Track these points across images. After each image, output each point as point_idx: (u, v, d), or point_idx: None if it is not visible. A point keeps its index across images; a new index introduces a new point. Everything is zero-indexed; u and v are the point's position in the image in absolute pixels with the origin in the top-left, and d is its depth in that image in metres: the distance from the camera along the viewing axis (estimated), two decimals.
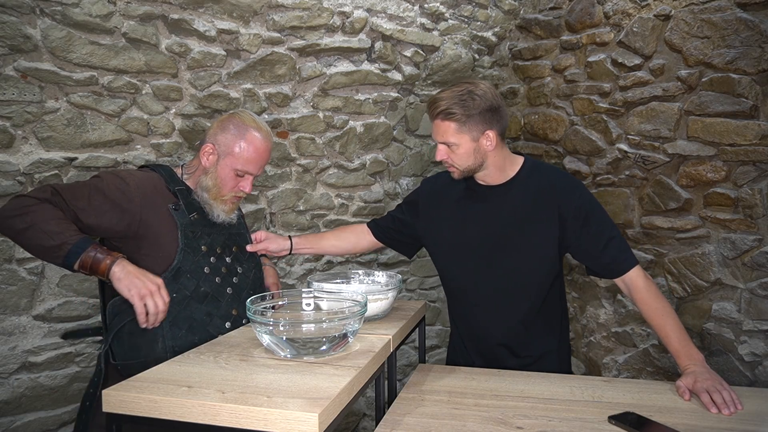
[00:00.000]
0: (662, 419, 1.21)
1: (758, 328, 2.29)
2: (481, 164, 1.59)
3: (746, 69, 2.25)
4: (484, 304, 1.67)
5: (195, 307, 1.47)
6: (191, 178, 1.59)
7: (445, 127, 1.55)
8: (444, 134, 1.55)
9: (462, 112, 1.52)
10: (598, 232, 1.56)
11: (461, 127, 1.53)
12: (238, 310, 1.56)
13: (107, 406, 1.04)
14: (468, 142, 1.55)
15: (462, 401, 1.34)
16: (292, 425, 0.92)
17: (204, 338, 1.43)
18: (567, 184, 1.61)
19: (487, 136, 1.55)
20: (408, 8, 2.81)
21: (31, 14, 1.93)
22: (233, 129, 1.54)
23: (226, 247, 1.60)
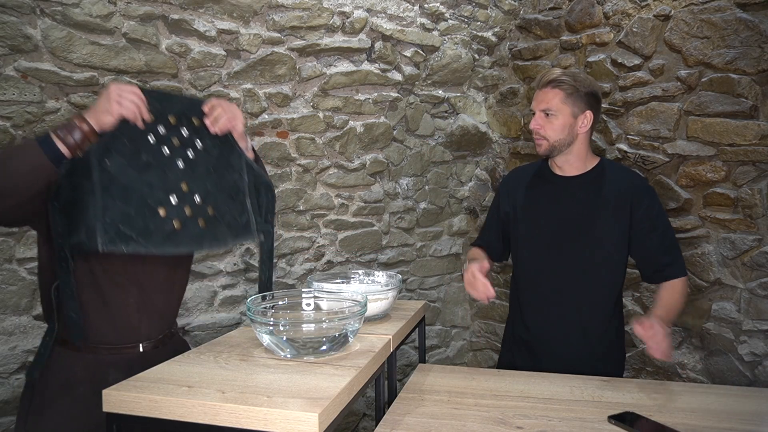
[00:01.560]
0: (662, 419, 1.21)
1: (758, 328, 2.29)
2: (570, 144, 1.66)
3: (746, 69, 2.25)
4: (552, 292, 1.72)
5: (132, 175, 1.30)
6: None
7: (552, 94, 1.63)
8: (549, 101, 1.63)
9: (572, 85, 1.62)
10: (664, 236, 1.65)
11: (567, 98, 1.62)
12: (189, 186, 1.38)
13: (107, 406, 1.04)
14: (567, 116, 1.63)
15: (462, 401, 1.34)
16: (292, 425, 0.93)
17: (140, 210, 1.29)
18: (642, 184, 1.69)
19: (585, 116, 1.64)
20: (408, 8, 2.81)
21: (32, 14, 1.93)
22: None
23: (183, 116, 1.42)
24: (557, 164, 1.74)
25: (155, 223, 1.31)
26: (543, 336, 1.76)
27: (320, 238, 2.76)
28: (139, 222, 1.28)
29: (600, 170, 1.70)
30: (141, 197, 1.30)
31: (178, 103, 1.44)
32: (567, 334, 1.72)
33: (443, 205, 3.15)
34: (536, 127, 1.66)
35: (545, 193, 1.76)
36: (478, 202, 3.22)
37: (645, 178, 1.77)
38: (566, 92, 1.62)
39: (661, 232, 1.66)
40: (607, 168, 1.72)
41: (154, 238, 1.28)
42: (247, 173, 1.54)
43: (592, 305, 1.70)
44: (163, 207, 1.32)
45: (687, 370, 2.50)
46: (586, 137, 1.68)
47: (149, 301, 1.43)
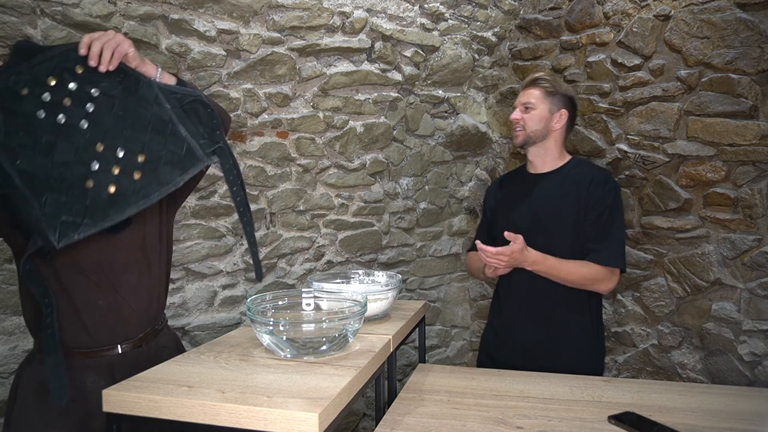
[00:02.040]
0: (662, 419, 1.22)
1: (758, 328, 2.29)
2: (544, 138, 1.86)
3: (746, 69, 2.25)
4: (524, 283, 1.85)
5: (44, 162, 1.19)
6: None
7: (534, 92, 1.86)
8: (530, 96, 1.86)
9: (552, 85, 1.85)
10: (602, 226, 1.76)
11: (546, 95, 1.84)
12: (104, 143, 1.24)
13: (107, 406, 1.04)
14: (544, 111, 1.84)
15: (462, 401, 1.34)
16: (292, 425, 0.93)
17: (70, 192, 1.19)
18: (601, 178, 1.82)
19: (560, 114, 1.85)
20: (408, 8, 2.81)
21: (32, 14, 1.93)
22: None
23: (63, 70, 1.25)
24: (531, 161, 1.93)
25: (91, 198, 1.20)
26: (516, 326, 1.90)
27: (320, 238, 2.76)
28: (76, 204, 1.19)
29: (569, 167, 1.88)
30: (63, 179, 1.19)
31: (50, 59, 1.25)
32: (538, 325, 1.84)
33: (443, 205, 3.15)
34: (516, 118, 1.88)
35: (519, 189, 1.93)
36: (478, 202, 3.22)
37: (607, 174, 1.86)
38: (546, 90, 1.84)
39: (602, 223, 1.77)
40: (577, 165, 1.89)
41: (97, 212, 1.18)
42: (167, 100, 1.35)
43: (561, 296, 1.81)
44: (89, 178, 1.21)
45: (687, 370, 2.50)
46: (559, 135, 1.88)
47: (122, 301, 1.36)
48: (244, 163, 2.50)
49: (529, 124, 1.85)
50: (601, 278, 1.74)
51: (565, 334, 1.82)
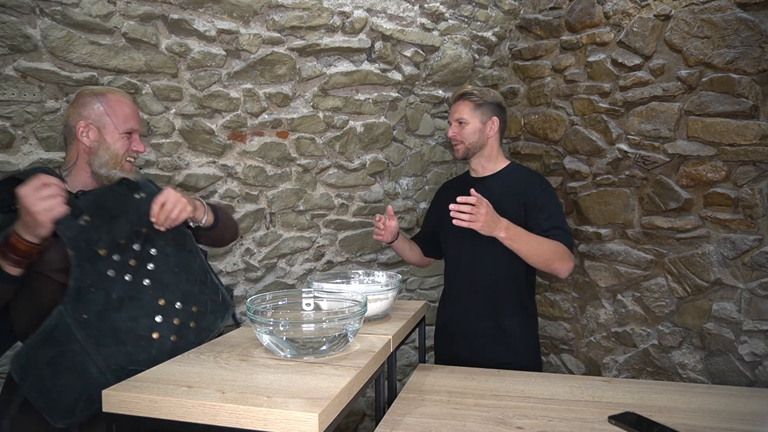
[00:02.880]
0: (662, 419, 1.21)
1: (758, 328, 2.29)
2: (482, 147, 2.00)
3: (746, 69, 2.25)
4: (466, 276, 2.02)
5: (114, 317, 1.32)
6: (71, 173, 1.48)
7: (463, 106, 1.99)
8: (461, 112, 1.99)
9: (479, 97, 1.98)
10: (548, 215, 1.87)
11: (475, 108, 1.98)
12: (165, 298, 1.40)
13: (107, 406, 1.04)
14: (477, 123, 1.98)
15: (462, 401, 1.34)
16: (292, 425, 0.93)
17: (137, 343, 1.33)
18: (536, 180, 1.97)
19: (492, 122, 1.99)
20: (408, 8, 2.81)
21: (31, 14, 1.93)
22: (93, 101, 1.47)
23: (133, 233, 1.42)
24: (473, 167, 2.08)
25: (156, 347, 1.36)
26: (460, 323, 2.03)
27: (320, 238, 2.76)
28: (142, 354, 1.33)
29: (507, 171, 2.02)
30: (131, 332, 1.33)
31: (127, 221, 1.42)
32: (479, 321, 1.98)
33: None
34: (453, 135, 2.01)
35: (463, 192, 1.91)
36: None
37: (539, 175, 2.02)
38: (475, 103, 1.98)
39: (547, 212, 1.88)
40: (513, 169, 2.03)
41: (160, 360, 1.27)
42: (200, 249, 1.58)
43: (500, 294, 1.96)
44: (155, 331, 1.37)
45: (687, 370, 2.50)
46: (495, 141, 2.03)
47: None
48: (244, 163, 2.50)
49: (466, 137, 1.99)
50: (565, 257, 1.81)
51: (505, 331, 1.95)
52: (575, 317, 2.93)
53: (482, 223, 1.68)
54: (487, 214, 1.68)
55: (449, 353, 2.07)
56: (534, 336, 2.04)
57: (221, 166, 2.44)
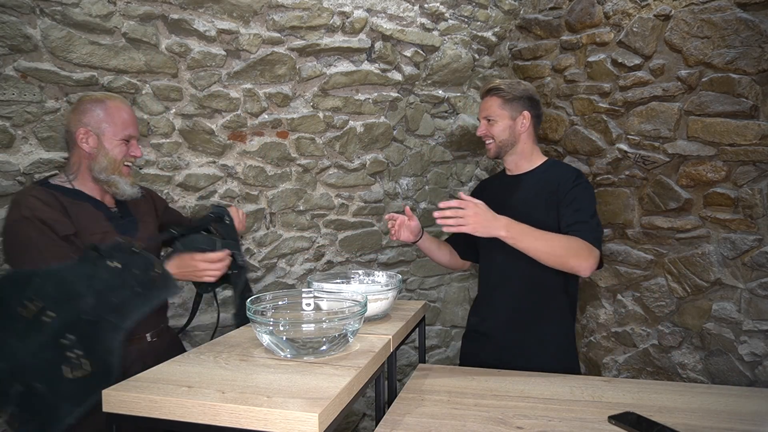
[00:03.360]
0: (662, 419, 1.21)
1: (758, 328, 2.29)
2: (514, 143, 1.86)
3: (746, 69, 2.25)
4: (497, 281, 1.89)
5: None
6: (77, 177, 1.57)
7: (491, 102, 1.85)
8: (489, 108, 1.85)
9: (508, 91, 1.83)
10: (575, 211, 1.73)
11: (504, 104, 1.83)
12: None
13: (107, 406, 1.04)
14: (506, 119, 1.84)
15: (462, 401, 1.34)
16: (292, 425, 0.93)
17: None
18: (571, 174, 1.81)
19: (523, 116, 1.84)
20: (408, 8, 2.81)
21: (31, 14, 1.93)
22: (93, 107, 1.55)
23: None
24: (508, 165, 1.95)
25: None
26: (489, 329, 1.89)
27: (320, 238, 2.76)
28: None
29: (544, 168, 1.88)
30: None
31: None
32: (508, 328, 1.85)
33: None
34: (482, 133, 1.88)
35: (498, 191, 1.93)
36: None
37: (575, 170, 1.83)
38: (503, 98, 1.83)
39: (574, 207, 1.72)
40: (551, 166, 1.89)
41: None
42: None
43: (534, 294, 1.81)
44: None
45: (687, 370, 2.50)
46: (528, 137, 1.87)
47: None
48: (244, 163, 2.50)
49: (496, 135, 1.86)
50: (582, 253, 1.61)
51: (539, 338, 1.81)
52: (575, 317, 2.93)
53: (473, 224, 1.56)
54: (477, 214, 1.56)
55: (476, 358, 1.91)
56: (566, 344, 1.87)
57: (221, 166, 2.44)
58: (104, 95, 1.61)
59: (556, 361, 1.78)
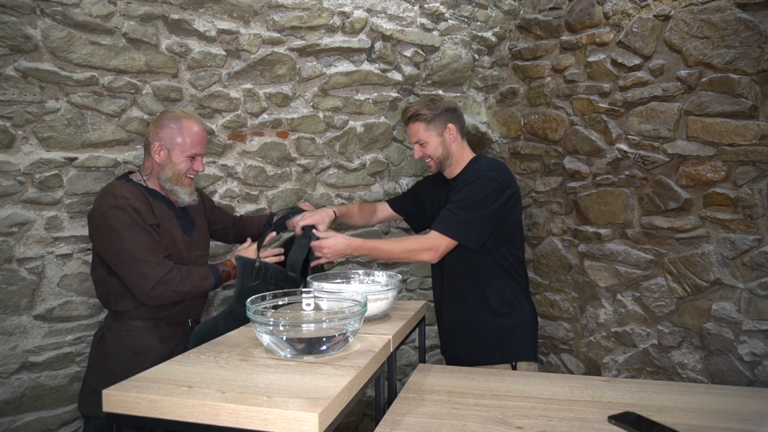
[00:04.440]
0: (662, 419, 1.22)
1: (758, 328, 2.29)
2: (449, 156, 2.00)
3: (746, 69, 2.25)
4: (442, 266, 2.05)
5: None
6: (150, 178, 1.83)
7: (416, 128, 1.98)
8: (416, 134, 1.98)
9: (428, 113, 1.96)
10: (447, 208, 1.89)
11: (428, 125, 1.96)
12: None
13: (107, 406, 1.04)
14: (435, 137, 1.97)
15: (462, 401, 1.34)
16: (292, 425, 0.93)
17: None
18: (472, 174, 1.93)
19: (449, 129, 1.97)
20: (408, 8, 2.81)
21: (32, 14, 1.93)
22: (170, 123, 1.79)
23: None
24: (445, 173, 2.08)
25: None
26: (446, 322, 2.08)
27: None
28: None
29: (466, 169, 2.00)
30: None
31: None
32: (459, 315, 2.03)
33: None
34: (419, 156, 2.03)
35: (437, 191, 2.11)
36: None
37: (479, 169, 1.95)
38: (426, 121, 1.96)
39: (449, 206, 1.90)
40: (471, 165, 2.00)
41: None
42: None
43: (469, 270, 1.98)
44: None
45: (687, 370, 2.50)
46: (457, 144, 2.01)
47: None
48: (244, 163, 2.50)
49: (432, 154, 1.99)
50: (421, 249, 1.87)
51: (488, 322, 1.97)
52: (575, 317, 2.93)
53: (330, 255, 1.85)
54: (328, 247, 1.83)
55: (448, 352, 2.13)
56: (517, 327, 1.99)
57: (221, 166, 2.45)
58: (183, 113, 1.84)
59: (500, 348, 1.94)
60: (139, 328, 1.77)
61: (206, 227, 2.04)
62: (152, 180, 1.84)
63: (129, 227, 1.65)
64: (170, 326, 1.81)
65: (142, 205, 1.70)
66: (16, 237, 1.96)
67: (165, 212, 1.80)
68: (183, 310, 1.83)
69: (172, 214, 1.82)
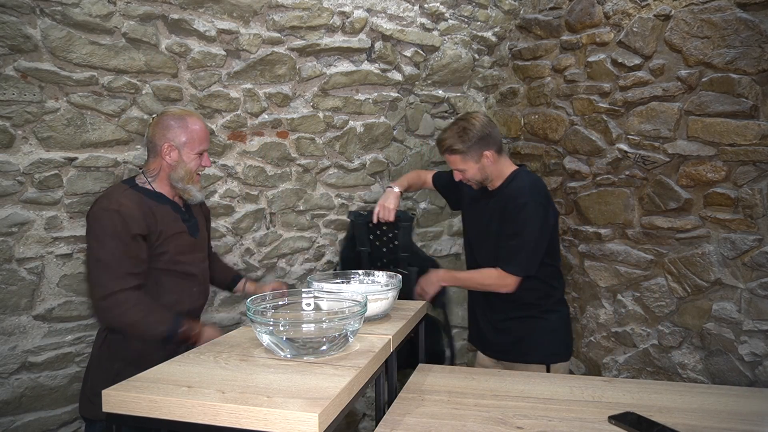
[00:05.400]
0: (662, 419, 1.21)
1: (758, 328, 2.29)
2: (488, 176, 2.06)
3: (746, 69, 2.25)
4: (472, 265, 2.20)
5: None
6: (156, 180, 1.79)
7: (453, 159, 2.03)
8: (454, 163, 2.05)
9: (462, 146, 1.98)
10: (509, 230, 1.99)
11: (464, 156, 2.00)
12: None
13: (107, 406, 1.04)
14: (473, 166, 2.02)
15: (462, 401, 1.34)
16: (292, 425, 0.93)
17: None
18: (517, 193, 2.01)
19: (485, 156, 2.00)
20: (408, 8, 2.81)
21: (31, 14, 1.93)
22: (175, 123, 1.76)
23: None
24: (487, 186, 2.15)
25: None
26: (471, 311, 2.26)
27: (320, 238, 2.76)
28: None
29: (505, 184, 2.07)
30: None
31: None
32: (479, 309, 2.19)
33: (443, 205, 3.15)
34: (459, 179, 2.10)
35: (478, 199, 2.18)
36: None
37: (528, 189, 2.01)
38: (461, 154, 1.99)
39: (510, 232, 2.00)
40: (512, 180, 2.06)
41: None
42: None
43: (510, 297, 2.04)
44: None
45: (687, 370, 2.50)
46: (496, 164, 2.04)
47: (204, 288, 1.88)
48: (244, 163, 2.50)
49: (472, 179, 2.06)
50: (497, 284, 2.00)
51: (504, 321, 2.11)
52: (575, 317, 2.93)
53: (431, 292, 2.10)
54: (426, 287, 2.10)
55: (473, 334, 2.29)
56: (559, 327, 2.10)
57: (221, 166, 2.44)
58: (183, 111, 1.82)
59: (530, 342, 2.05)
60: None
61: (207, 232, 2.03)
62: (159, 182, 1.79)
63: (109, 234, 1.61)
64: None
65: (137, 212, 1.66)
66: (16, 237, 1.96)
67: (170, 217, 1.77)
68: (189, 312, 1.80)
69: (178, 218, 1.80)
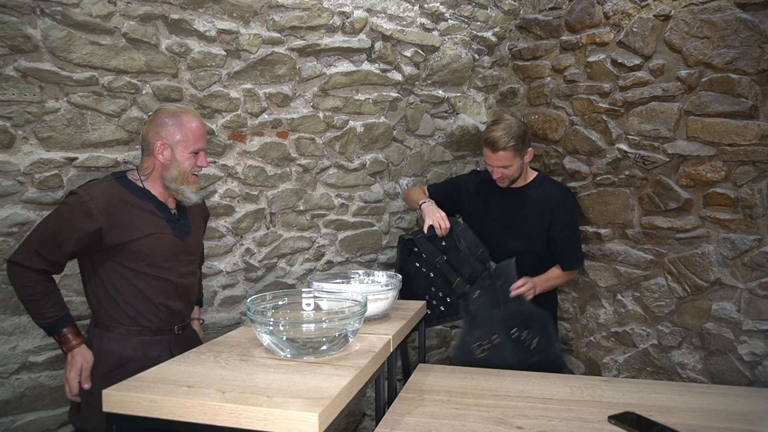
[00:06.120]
0: (662, 419, 1.22)
1: (758, 328, 2.29)
2: (521, 174, 2.24)
3: (746, 69, 2.25)
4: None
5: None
6: (149, 179, 1.75)
7: (504, 155, 2.13)
8: (504, 159, 2.14)
9: (516, 143, 2.13)
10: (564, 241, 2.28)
11: (516, 153, 2.15)
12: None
13: (107, 406, 1.04)
14: (518, 162, 2.18)
15: (462, 401, 1.35)
16: (292, 425, 0.93)
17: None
18: (562, 197, 2.30)
19: (529, 153, 2.21)
20: (408, 8, 2.81)
21: (32, 14, 1.93)
22: (169, 121, 1.71)
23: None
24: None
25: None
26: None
27: (320, 238, 2.76)
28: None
29: (536, 184, 2.29)
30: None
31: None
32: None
33: None
34: (498, 176, 2.20)
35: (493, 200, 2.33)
36: None
37: (566, 192, 2.32)
38: (516, 150, 2.13)
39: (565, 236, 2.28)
40: (542, 182, 2.32)
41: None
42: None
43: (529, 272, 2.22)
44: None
45: (687, 370, 2.50)
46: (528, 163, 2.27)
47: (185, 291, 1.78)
48: (244, 163, 2.50)
49: (510, 175, 2.20)
50: (566, 280, 2.41)
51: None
52: (575, 317, 2.93)
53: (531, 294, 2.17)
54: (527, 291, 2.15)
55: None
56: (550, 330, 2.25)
57: (221, 166, 2.45)
58: (179, 109, 1.77)
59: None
60: (122, 336, 1.68)
61: (202, 234, 1.98)
62: (151, 181, 1.75)
63: (59, 213, 1.61)
64: (155, 334, 1.72)
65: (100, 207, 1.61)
66: (16, 237, 1.96)
67: (149, 216, 1.71)
68: (169, 317, 1.75)
69: (161, 219, 1.73)
